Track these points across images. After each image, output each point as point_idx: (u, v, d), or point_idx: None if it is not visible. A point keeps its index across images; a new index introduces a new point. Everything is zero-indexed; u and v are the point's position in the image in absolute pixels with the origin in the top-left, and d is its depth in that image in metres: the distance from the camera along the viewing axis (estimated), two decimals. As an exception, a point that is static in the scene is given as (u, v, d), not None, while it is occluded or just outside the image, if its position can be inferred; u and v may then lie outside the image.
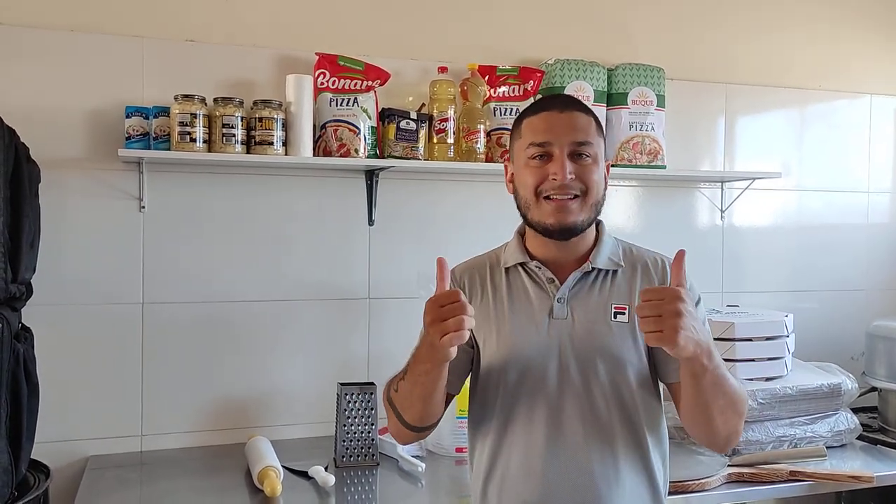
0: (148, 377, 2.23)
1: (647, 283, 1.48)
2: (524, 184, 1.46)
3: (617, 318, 1.45)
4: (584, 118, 1.46)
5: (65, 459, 2.13)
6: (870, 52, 2.99)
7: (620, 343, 1.44)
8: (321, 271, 2.37)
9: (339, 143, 2.21)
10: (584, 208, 1.44)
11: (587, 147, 1.44)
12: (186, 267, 2.25)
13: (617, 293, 1.47)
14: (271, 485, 1.86)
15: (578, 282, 1.48)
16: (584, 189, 1.43)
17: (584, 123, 1.45)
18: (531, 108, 1.50)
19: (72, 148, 2.15)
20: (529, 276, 1.51)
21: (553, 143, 1.43)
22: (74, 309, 2.16)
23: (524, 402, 1.45)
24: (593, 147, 1.45)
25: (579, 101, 1.51)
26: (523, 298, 1.50)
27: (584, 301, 1.47)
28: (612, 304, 1.45)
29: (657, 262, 1.52)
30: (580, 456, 1.42)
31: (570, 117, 1.44)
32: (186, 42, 2.24)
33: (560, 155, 1.42)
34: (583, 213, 1.44)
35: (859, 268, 2.99)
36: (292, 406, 2.35)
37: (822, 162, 2.95)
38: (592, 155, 1.44)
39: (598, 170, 1.45)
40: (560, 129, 1.43)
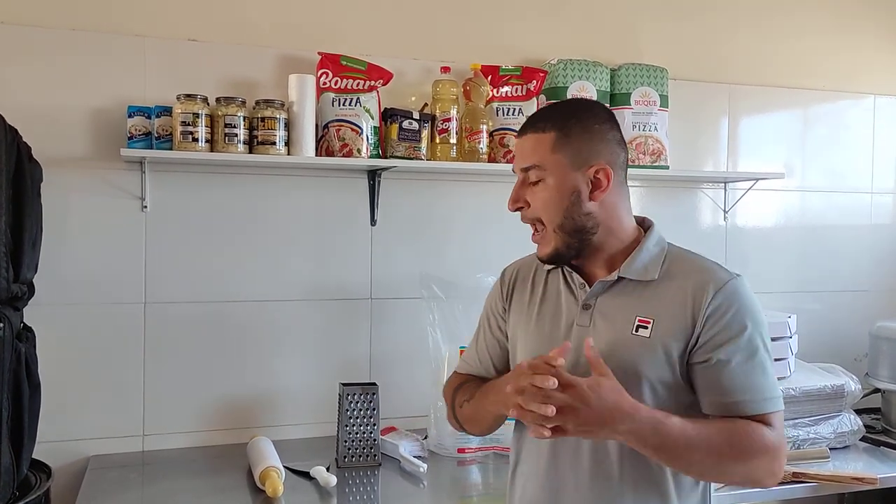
0: (150, 377, 2.22)
1: (681, 299, 1.34)
2: None
3: (638, 332, 1.35)
4: (534, 139, 1.38)
5: (66, 459, 2.13)
6: (874, 53, 2.98)
7: (637, 358, 1.34)
8: (323, 271, 2.37)
9: (342, 142, 2.21)
10: (547, 238, 1.39)
11: (533, 171, 1.38)
12: (188, 267, 2.25)
13: (645, 305, 1.37)
14: (273, 485, 1.85)
15: (607, 289, 1.40)
16: (538, 217, 1.39)
17: (531, 145, 1.38)
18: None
19: (74, 147, 2.14)
20: (565, 278, 1.47)
21: (515, 167, 1.43)
22: (76, 309, 2.16)
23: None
24: (541, 168, 1.37)
25: (541, 117, 1.42)
26: (554, 302, 1.47)
27: (609, 310, 1.39)
28: (637, 316, 1.36)
29: (705, 281, 1.34)
30: (580, 463, 1.38)
31: (522, 142, 1.41)
32: (189, 41, 2.23)
33: (517, 180, 1.42)
34: (552, 244, 1.39)
35: (863, 269, 2.99)
36: (294, 406, 2.35)
37: (826, 162, 2.94)
38: (539, 177, 1.37)
39: (549, 190, 1.36)
40: (516, 156, 1.44)
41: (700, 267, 1.39)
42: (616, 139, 1.41)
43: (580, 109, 1.42)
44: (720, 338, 1.32)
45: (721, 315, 1.32)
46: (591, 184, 1.37)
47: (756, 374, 1.32)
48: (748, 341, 1.32)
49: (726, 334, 1.32)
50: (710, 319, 1.32)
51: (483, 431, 1.58)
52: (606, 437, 1.24)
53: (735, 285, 1.35)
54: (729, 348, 1.31)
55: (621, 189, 1.42)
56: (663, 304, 1.36)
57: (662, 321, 1.34)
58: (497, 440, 2.23)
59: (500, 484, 2.10)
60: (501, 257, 2.44)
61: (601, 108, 1.46)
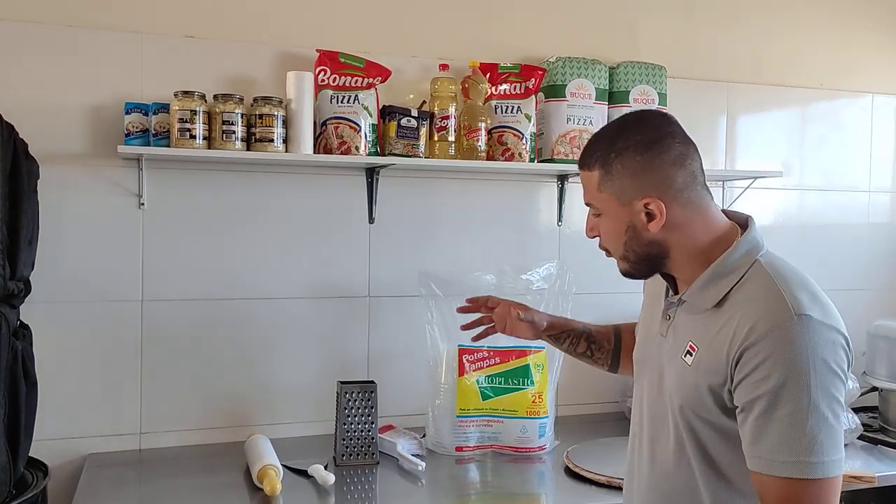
0: (147, 375, 2.22)
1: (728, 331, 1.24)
2: None
3: (685, 357, 1.31)
4: (585, 176, 1.38)
5: (63, 457, 2.12)
6: (872, 52, 2.98)
7: (676, 383, 1.33)
8: (321, 269, 2.36)
9: (340, 140, 2.20)
10: (620, 262, 1.40)
11: (593, 207, 1.40)
12: (186, 264, 2.24)
13: (699, 330, 1.31)
14: (271, 483, 1.85)
15: (680, 304, 1.38)
16: (605, 247, 1.41)
17: (584, 182, 1.39)
18: None
19: (71, 144, 2.13)
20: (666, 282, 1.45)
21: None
22: (73, 306, 2.15)
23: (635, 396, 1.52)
24: (595, 207, 1.38)
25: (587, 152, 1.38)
26: (654, 307, 1.48)
27: (678, 326, 1.37)
28: (690, 340, 1.32)
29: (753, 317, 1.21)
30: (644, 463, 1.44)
31: (580, 176, 1.41)
32: (186, 38, 2.22)
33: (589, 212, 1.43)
34: (622, 266, 1.40)
35: (860, 267, 2.99)
36: (292, 404, 2.34)
37: (823, 161, 2.94)
38: (598, 212, 1.38)
39: (607, 224, 1.36)
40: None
41: (762, 296, 1.23)
42: (669, 160, 1.30)
43: (623, 137, 1.32)
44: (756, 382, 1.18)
45: (753, 355, 1.19)
46: (645, 216, 1.31)
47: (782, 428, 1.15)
48: (792, 391, 1.15)
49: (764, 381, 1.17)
50: (742, 359, 1.21)
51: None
52: None
53: (789, 325, 1.18)
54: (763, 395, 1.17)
55: (688, 206, 1.31)
56: (711, 333, 1.28)
57: (705, 351, 1.27)
58: (496, 438, 2.23)
59: (499, 482, 2.11)
60: (500, 255, 2.48)
61: (649, 128, 1.33)
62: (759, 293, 1.24)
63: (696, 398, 1.29)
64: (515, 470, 2.16)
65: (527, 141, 2.37)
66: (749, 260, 1.29)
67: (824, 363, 1.16)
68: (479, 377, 2.22)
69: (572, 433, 2.37)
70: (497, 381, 2.22)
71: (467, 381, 2.21)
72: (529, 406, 2.21)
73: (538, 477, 2.15)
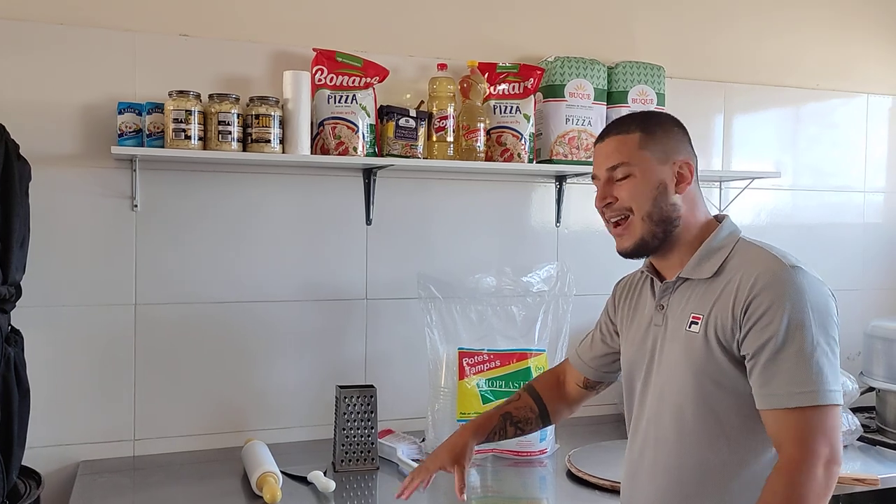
0: (141, 380, 2.17)
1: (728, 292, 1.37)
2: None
3: (691, 328, 1.41)
4: (618, 140, 1.47)
5: (55, 465, 2.08)
6: (867, 52, 2.99)
7: (689, 353, 1.41)
8: (318, 271, 2.33)
9: (338, 140, 2.17)
10: (633, 228, 1.46)
11: (619, 169, 1.46)
12: (180, 267, 2.20)
13: (699, 302, 1.43)
14: (271, 491, 1.81)
15: (675, 289, 1.48)
16: (627, 207, 1.46)
17: (614, 147, 1.47)
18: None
19: (62, 145, 2.09)
20: (652, 286, 1.56)
21: (597, 175, 1.51)
22: (65, 310, 2.10)
23: (627, 395, 1.59)
24: (629, 165, 1.45)
25: (622, 121, 1.52)
26: (643, 304, 1.57)
27: (675, 309, 1.47)
28: (692, 312, 1.43)
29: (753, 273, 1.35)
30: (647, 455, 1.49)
31: (605, 146, 1.50)
32: (180, 36, 2.18)
33: (599, 181, 1.50)
34: (637, 233, 1.45)
35: (855, 268, 2.99)
36: (288, 409, 2.31)
37: (819, 161, 2.95)
38: (629, 172, 1.45)
39: (641, 185, 1.44)
40: (598, 158, 1.51)
41: (756, 259, 1.39)
42: (691, 144, 1.52)
43: (658, 115, 1.55)
44: (762, 327, 1.31)
45: (758, 305, 1.32)
46: (676, 177, 1.45)
47: (805, 364, 1.27)
48: (796, 330, 1.29)
49: (770, 324, 1.30)
50: (749, 309, 1.33)
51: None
52: None
53: (784, 275, 1.32)
54: (770, 336, 1.30)
55: (696, 188, 1.50)
56: (713, 300, 1.40)
57: (711, 316, 1.38)
58: (496, 443, 2.20)
59: (499, 486, 2.08)
60: (498, 257, 2.45)
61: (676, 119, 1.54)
62: (752, 256, 1.40)
63: (707, 360, 1.38)
64: (517, 474, 2.14)
65: (526, 141, 2.35)
66: (733, 239, 1.46)
67: (820, 305, 1.32)
68: (480, 380, 2.19)
69: (573, 437, 2.35)
70: (498, 385, 2.20)
71: (468, 384, 2.18)
72: (530, 409, 2.18)
73: (540, 481, 2.13)
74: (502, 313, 2.25)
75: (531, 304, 2.27)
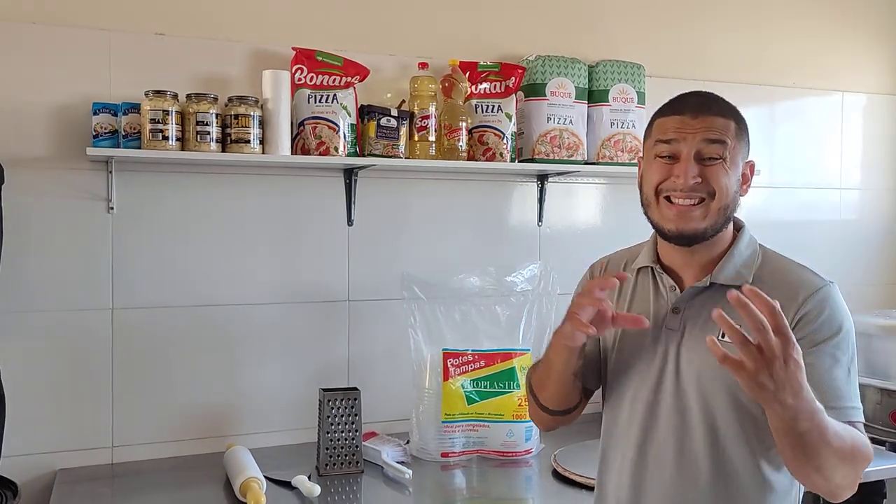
0: (118, 385, 2.13)
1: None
2: (648, 180, 1.41)
3: (725, 338, 1.30)
4: (721, 121, 1.36)
5: (32, 474, 2.03)
6: (842, 50, 3.02)
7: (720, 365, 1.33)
8: (299, 273, 2.30)
9: (319, 140, 2.14)
10: (708, 214, 1.35)
11: (718, 146, 1.35)
12: (158, 270, 2.16)
13: (734, 311, 1.32)
14: (255, 497, 1.78)
15: (698, 294, 1.40)
16: (711, 192, 1.35)
17: (721, 124, 1.36)
18: (664, 108, 1.43)
19: (36, 147, 2.04)
20: (654, 280, 1.46)
21: (680, 141, 1.36)
22: (40, 316, 2.05)
23: (627, 401, 1.44)
24: (727, 147, 1.35)
25: (718, 103, 1.39)
26: (644, 303, 1.46)
27: (699, 314, 1.38)
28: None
29: (796, 286, 1.35)
30: (665, 468, 1.38)
31: (703, 121, 1.36)
32: (156, 35, 2.14)
33: (687, 155, 1.35)
34: (707, 220, 1.36)
35: (832, 264, 2.97)
36: (270, 413, 2.27)
37: (796, 159, 2.97)
38: (724, 156, 1.35)
39: (729, 172, 1.35)
40: (690, 130, 1.36)
41: (792, 272, 1.39)
42: None
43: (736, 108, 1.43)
44: (807, 342, 1.29)
45: (811, 320, 1.31)
46: (743, 177, 1.41)
47: (844, 381, 1.31)
48: (837, 346, 1.31)
49: (814, 338, 1.30)
50: (800, 324, 1.31)
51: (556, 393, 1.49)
52: (766, 402, 1.16)
53: (827, 292, 1.35)
54: (817, 351, 1.29)
55: None
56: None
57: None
58: (481, 443, 2.19)
59: (485, 488, 2.07)
60: (481, 256, 2.44)
61: None
62: (785, 267, 1.41)
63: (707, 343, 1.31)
64: (502, 475, 2.13)
65: (508, 140, 2.34)
66: (754, 244, 1.45)
67: (851, 322, 1.36)
68: (465, 381, 2.18)
69: (557, 436, 2.30)
70: (482, 385, 2.18)
71: (452, 385, 2.17)
72: (516, 409, 2.17)
73: (525, 481, 2.12)
74: (486, 313, 2.24)
75: (515, 304, 2.26)
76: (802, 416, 1.15)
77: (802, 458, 1.22)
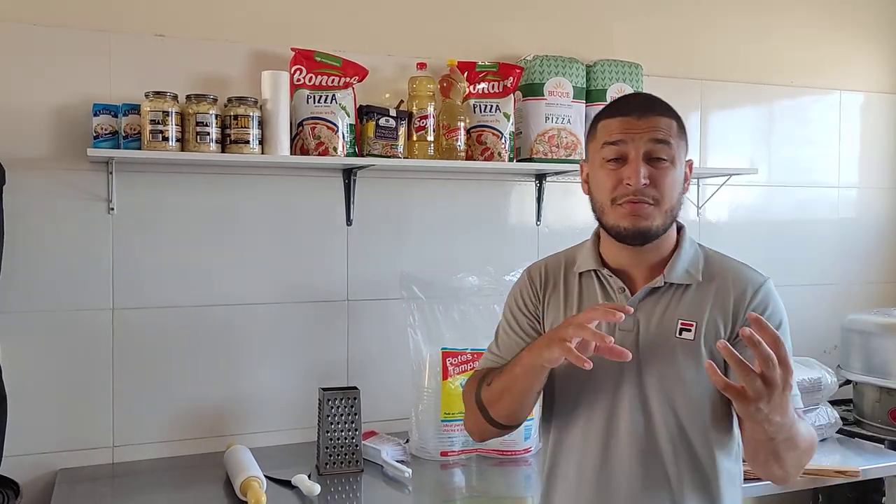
0: (119, 386, 2.14)
1: (721, 299, 1.39)
2: (599, 187, 1.41)
3: (682, 335, 1.36)
4: (664, 121, 1.37)
5: (33, 474, 2.04)
6: (840, 49, 3.02)
7: (682, 361, 1.36)
8: (298, 273, 2.31)
9: (318, 141, 2.15)
10: (658, 214, 1.37)
11: (665, 147, 1.36)
12: (158, 271, 2.17)
13: (687, 308, 1.39)
14: (255, 496, 1.79)
15: (649, 294, 1.42)
16: (660, 195, 1.36)
17: (665, 124, 1.37)
18: (607, 110, 1.44)
19: (37, 148, 2.05)
20: (601, 283, 1.46)
21: (627, 142, 1.36)
22: (41, 316, 2.06)
23: (583, 408, 1.43)
24: (672, 148, 1.37)
25: (660, 103, 1.42)
26: (589, 303, 1.45)
27: (652, 314, 1.40)
28: (680, 319, 1.38)
29: (743, 281, 1.41)
30: (633, 469, 1.38)
31: (648, 121, 1.37)
32: (156, 37, 2.15)
33: (636, 157, 1.35)
34: (657, 219, 1.38)
35: (830, 262, 3.03)
36: (270, 412, 2.28)
37: (794, 158, 2.98)
38: (669, 157, 1.37)
39: (674, 174, 1.38)
40: (636, 131, 1.36)
41: (735, 267, 1.45)
42: None
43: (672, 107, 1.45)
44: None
45: (760, 313, 1.32)
46: (685, 176, 1.43)
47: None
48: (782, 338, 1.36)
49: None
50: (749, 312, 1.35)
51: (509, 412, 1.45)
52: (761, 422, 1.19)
53: (769, 287, 1.42)
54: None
55: None
56: (705, 306, 1.39)
57: (705, 323, 1.38)
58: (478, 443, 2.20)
59: (485, 486, 2.08)
60: (479, 256, 2.45)
61: None
62: (728, 265, 1.46)
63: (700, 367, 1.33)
64: (501, 473, 2.14)
65: (506, 140, 2.34)
66: (695, 243, 1.49)
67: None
68: (464, 380, 2.17)
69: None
70: (481, 384, 2.19)
71: (451, 384, 2.17)
72: (514, 408, 2.18)
73: (524, 480, 2.13)
74: (485, 312, 2.24)
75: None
76: (784, 429, 1.22)
77: (773, 461, 1.28)
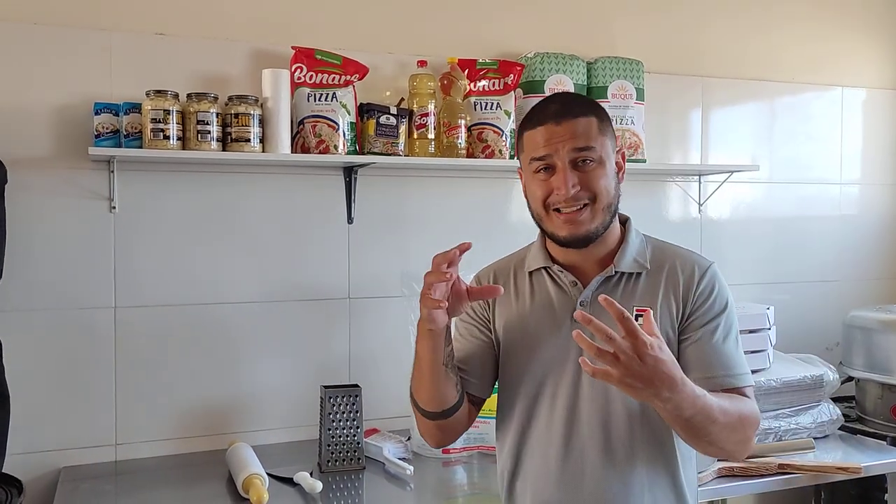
0: (122, 384, 2.15)
1: (672, 285, 1.44)
2: (533, 197, 1.46)
3: (638, 321, 1.35)
4: (583, 122, 1.40)
5: (37, 472, 2.05)
6: (841, 45, 3.02)
7: None
8: (299, 271, 2.31)
9: (318, 139, 2.15)
10: (595, 215, 1.41)
11: (589, 152, 1.40)
12: (160, 269, 2.17)
13: (640, 295, 1.44)
14: (257, 493, 1.79)
15: (602, 284, 1.45)
16: (593, 196, 1.40)
17: (582, 128, 1.40)
18: (528, 120, 1.45)
19: (37, 147, 2.05)
20: (553, 279, 1.50)
21: (553, 154, 1.40)
22: (43, 314, 2.07)
23: (544, 403, 1.46)
24: (596, 150, 1.40)
25: (577, 103, 1.46)
26: (546, 301, 1.49)
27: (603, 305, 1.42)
28: (634, 306, 1.40)
29: (689, 266, 1.46)
30: (596, 460, 1.41)
31: (567, 126, 1.39)
32: (156, 35, 2.16)
33: (562, 167, 1.39)
34: (595, 221, 1.41)
35: (832, 259, 3.02)
36: (272, 410, 2.29)
37: (796, 154, 2.97)
38: (596, 158, 1.40)
39: (604, 172, 1.41)
40: (558, 140, 1.39)
41: (681, 254, 1.50)
42: None
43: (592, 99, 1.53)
44: (706, 316, 1.41)
45: (707, 296, 1.42)
46: (618, 166, 1.47)
47: (734, 351, 1.42)
48: (727, 319, 1.43)
49: (711, 313, 1.42)
50: (699, 300, 1.42)
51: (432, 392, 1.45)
52: (645, 399, 1.22)
53: (714, 270, 1.47)
54: (712, 326, 1.41)
55: None
56: (656, 292, 1.44)
57: (657, 308, 1.42)
58: (482, 439, 2.20)
59: (486, 483, 2.08)
60: (480, 253, 2.44)
61: None
62: (673, 252, 1.50)
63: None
64: (503, 471, 2.14)
65: (507, 137, 2.34)
66: (640, 233, 1.53)
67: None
68: (465, 378, 2.18)
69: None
70: (483, 382, 2.19)
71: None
72: (516, 406, 2.18)
73: (526, 477, 2.12)
74: (486, 310, 2.24)
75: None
76: (685, 404, 1.23)
77: (694, 437, 1.32)
